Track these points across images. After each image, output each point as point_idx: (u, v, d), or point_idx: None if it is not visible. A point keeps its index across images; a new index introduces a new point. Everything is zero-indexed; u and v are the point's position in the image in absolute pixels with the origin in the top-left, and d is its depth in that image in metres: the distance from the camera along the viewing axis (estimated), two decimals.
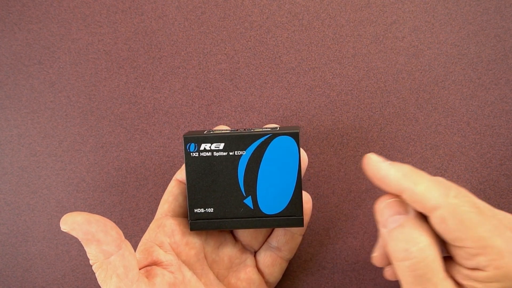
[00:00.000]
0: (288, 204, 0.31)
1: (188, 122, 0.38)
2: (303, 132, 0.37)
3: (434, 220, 0.26)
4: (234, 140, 0.30)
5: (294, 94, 0.37)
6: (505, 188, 0.37)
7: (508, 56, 0.37)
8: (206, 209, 0.31)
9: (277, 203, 0.31)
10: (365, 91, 0.37)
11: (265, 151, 0.30)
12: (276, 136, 0.30)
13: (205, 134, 0.31)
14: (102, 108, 0.38)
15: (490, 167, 0.37)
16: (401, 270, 0.26)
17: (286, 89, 0.37)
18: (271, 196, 0.31)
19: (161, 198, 0.38)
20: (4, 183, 0.38)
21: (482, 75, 0.37)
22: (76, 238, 0.38)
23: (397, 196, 0.27)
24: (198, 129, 0.37)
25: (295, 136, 0.30)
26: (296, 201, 0.31)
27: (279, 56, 0.37)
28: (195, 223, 0.31)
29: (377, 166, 0.28)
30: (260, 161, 0.30)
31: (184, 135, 0.31)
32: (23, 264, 0.38)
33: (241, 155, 0.30)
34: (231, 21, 0.37)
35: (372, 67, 0.37)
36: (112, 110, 0.38)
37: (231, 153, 0.30)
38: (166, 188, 0.38)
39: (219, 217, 0.31)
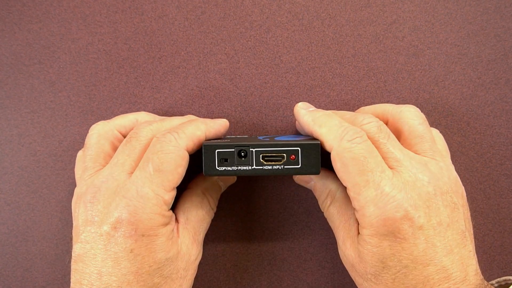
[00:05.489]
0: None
1: None
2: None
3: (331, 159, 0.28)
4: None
5: (294, 94, 0.37)
6: (505, 188, 0.37)
7: (508, 56, 0.37)
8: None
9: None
10: (365, 91, 0.37)
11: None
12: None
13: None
14: (102, 108, 0.38)
15: (490, 167, 0.37)
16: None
17: (286, 89, 0.37)
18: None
19: None
20: (4, 183, 0.38)
21: (482, 75, 0.37)
22: None
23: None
24: None
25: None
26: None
27: (279, 56, 0.37)
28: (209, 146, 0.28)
29: (299, 112, 0.31)
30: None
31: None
32: (23, 264, 0.38)
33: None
34: (231, 21, 0.37)
35: (372, 67, 0.37)
36: (112, 110, 0.38)
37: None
38: None
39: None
